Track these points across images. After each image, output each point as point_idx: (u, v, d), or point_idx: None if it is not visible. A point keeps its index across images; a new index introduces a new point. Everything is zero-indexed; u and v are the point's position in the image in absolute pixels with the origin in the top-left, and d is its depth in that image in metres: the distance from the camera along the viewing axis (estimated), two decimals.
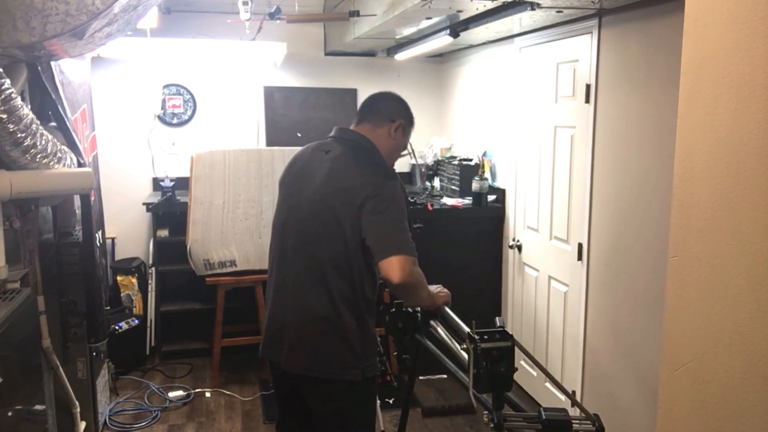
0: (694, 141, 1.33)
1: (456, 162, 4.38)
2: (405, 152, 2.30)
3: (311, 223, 2.04)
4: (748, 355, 1.19)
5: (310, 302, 2.03)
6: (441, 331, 2.06)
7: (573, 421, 1.57)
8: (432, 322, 2.14)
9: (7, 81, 2.01)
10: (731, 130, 1.23)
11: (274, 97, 4.87)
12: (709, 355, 1.29)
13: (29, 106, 2.33)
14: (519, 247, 3.91)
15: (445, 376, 4.12)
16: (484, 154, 4.26)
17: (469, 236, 4.08)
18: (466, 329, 1.71)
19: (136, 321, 4.23)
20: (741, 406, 1.22)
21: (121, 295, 4.35)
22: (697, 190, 1.32)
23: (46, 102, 2.64)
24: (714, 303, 1.28)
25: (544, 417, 1.56)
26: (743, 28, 1.19)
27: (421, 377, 4.09)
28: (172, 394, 3.90)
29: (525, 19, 3.11)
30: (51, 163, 2.34)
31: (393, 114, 2.18)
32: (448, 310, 2.09)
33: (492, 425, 1.61)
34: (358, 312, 2.03)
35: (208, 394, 3.95)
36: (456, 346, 1.87)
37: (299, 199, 2.09)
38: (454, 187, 4.34)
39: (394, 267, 1.88)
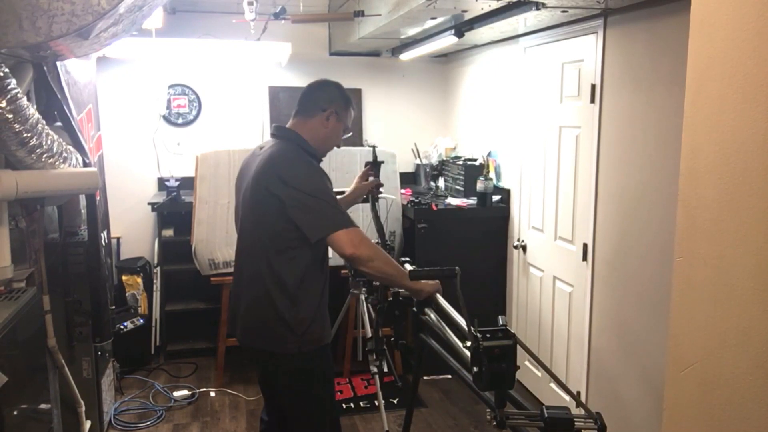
0: (700, 141, 1.33)
1: (461, 162, 4.37)
2: (346, 136, 2.41)
3: (246, 214, 2.27)
4: (754, 356, 1.19)
5: (250, 284, 2.24)
6: (434, 316, 2.10)
7: (575, 420, 1.57)
8: (426, 310, 2.18)
9: (13, 81, 2.02)
10: (737, 131, 1.22)
11: (278, 97, 4.87)
12: (714, 356, 1.29)
13: (35, 106, 2.34)
14: (524, 248, 3.90)
15: (449, 376, 4.12)
16: (489, 154, 4.25)
17: (474, 236, 4.07)
18: (468, 327, 1.72)
19: (141, 320, 4.24)
20: (747, 407, 1.21)
21: (126, 294, 4.37)
22: (703, 191, 1.32)
23: (51, 102, 2.65)
24: (720, 304, 1.27)
25: (546, 415, 1.56)
26: (749, 28, 1.18)
27: (425, 377, 4.08)
28: (176, 394, 3.91)
29: (530, 19, 3.11)
30: (57, 163, 2.35)
31: (323, 103, 2.29)
32: (440, 298, 2.14)
33: (494, 423, 1.61)
34: (289, 291, 2.17)
35: (212, 394, 3.95)
36: (454, 337, 1.89)
37: (241, 195, 2.32)
38: (458, 188, 4.33)
39: (339, 240, 2.06)
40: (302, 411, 2.30)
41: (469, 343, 1.64)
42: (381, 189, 2.82)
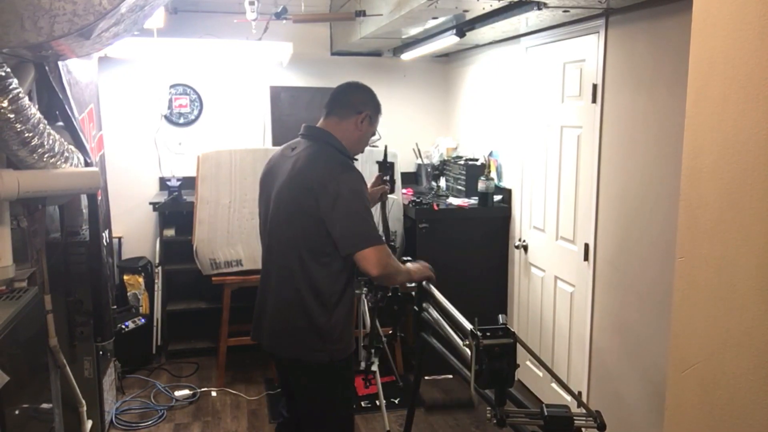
0: (702, 141, 1.33)
1: (462, 162, 4.37)
2: (375, 138, 2.46)
3: (279, 215, 2.21)
4: (756, 356, 1.19)
5: (281, 289, 2.21)
6: (433, 311, 2.12)
7: (575, 418, 1.58)
8: (425, 305, 2.19)
9: (15, 81, 2.02)
10: (739, 130, 1.22)
11: (280, 97, 4.87)
12: (716, 356, 1.29)
13: (37, 106, 2.34)
14: (525, 247, 3.90)
15: (450, 375, 4.12)
16: (490, 154, 4.25)
17: (475, 236, 4.07)
18: (469, 326, 1.72)
19: (143, 320, 4.24)
20: (749, 407, 1.21)
21: (128, 294, 4.37)
22: (705, 191, 1.31)
23: (53, 102, 2.66)
24: (722, 304, 1.27)
25: (546, 413, 1.57)
26: (751, 28, 1.18)
27: (426, 377, 4.09)
28: (178, 393, 3.91)
29: (531, 18, 3.11)
30: (58, 163, 2.36)
31: (359, 106, 2.28)
32: (440, 297, 2.18)
33: (495, 421, 1.62)
34: (323, 298, 2.15)
35: (214, 393, 3.95)
36: (455, 336, 1.90)
37: (270, 196, 2.27)
38: (460, 187, 4.33)
39: (369, 260, 2.06)
40: (327, 417, 2.29)
41: (468, 342, 1.65)
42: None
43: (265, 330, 2.28)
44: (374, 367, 2.73)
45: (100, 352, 3.14)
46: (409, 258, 2.57)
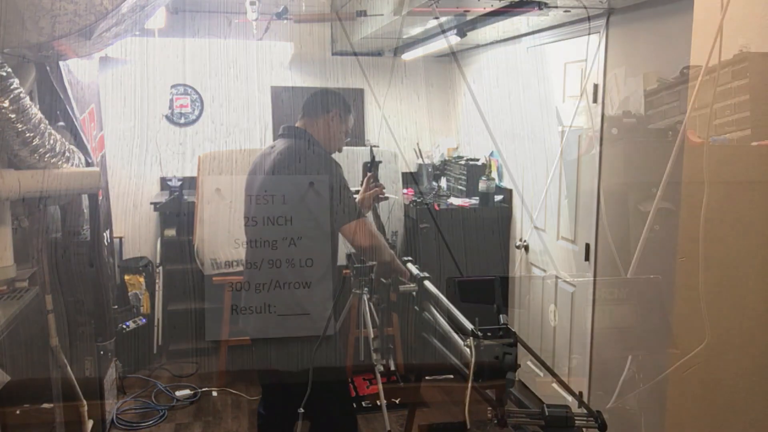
0: (702, 141, 1.32)
1: (463, 162, 4.37)
2: (347, 139, 2.65)
3: (264, 209, 2.37)
4: (757, 357, 1.19)
5: (270, 276, 2.34)
6: (433, 311, 2.12)
7: (576, 418, 1.57)
8: (425, 305, 2.20)
9: (16, 81, 2.02)
10: (740, 130, 1.22)
11: (281, 97, 4.87)
12: (718, 356, 1.29)
13: (38, 106, 2.34)
14: (526, 247, 3.90)
15: (451, 376, 4.11)
16: (491, 154, 4.25)
17: (476, 236, 4.07)
18: (470, 326, 1.72)
19: (144, 320, 4.25)
20: (750, 407, 1.21)
21: (129, 294, 4.37)
22: (705, 191, 1.31)
23: (54, 102, 2.66)
24: (723, 304, 1.27)
25: (546, 413, 1.57)
26: (752, 27, 1.18)
27: (426, 377, 4.08)
28: (178, 393, 3.91)
29: (532, 18, 3.11)
30: (59, 163, 2.36)
31: (328, 105, 2.51)
32: (434, 288, 2.23)
33: (495, 421, 1.62)
34: (308, 280, 2.33)
35: (214, 393, 3.95)
36: (456, 336, 1.90)
37: (254, 193, 2.43)
38: (461, 187, 4.33)
39: (358, 231, 2.29)
40: (321, 398, 2.37)
41: (470, 342, 1.65)
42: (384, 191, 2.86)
43: (253, 317, 2.40)
44: (393, 367, 2.76)
45: (101, 352, 3.14)
46: (410, 258, 2.57)
